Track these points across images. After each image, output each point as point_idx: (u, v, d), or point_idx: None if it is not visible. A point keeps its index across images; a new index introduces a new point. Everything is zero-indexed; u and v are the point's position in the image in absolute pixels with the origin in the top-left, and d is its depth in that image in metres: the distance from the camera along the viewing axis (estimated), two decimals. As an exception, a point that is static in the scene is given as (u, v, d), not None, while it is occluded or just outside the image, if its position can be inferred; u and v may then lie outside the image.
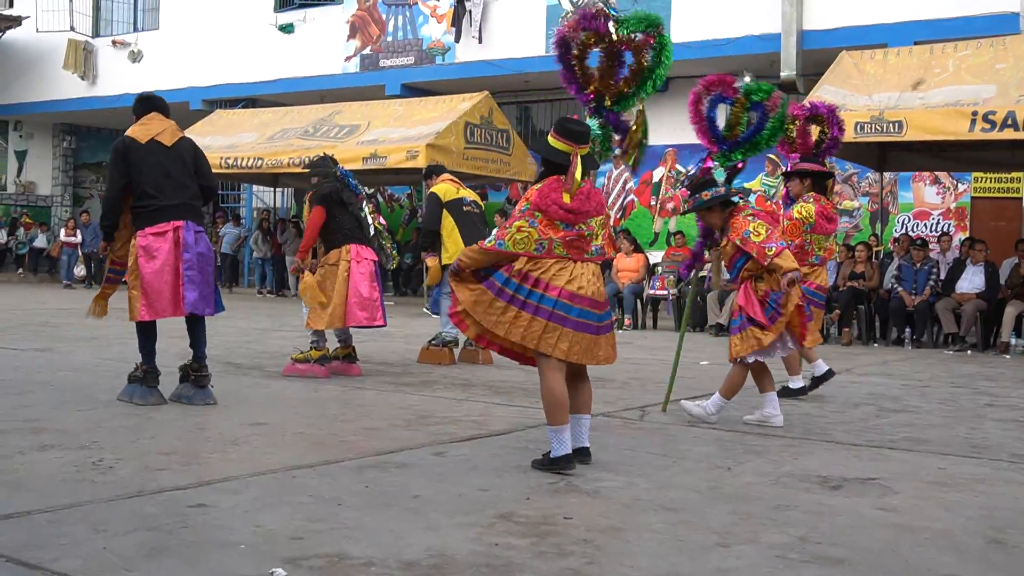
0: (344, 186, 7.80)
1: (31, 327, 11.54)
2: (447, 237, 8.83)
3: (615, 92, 5.26)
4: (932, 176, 15.68)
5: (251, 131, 18.75)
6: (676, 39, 16.19)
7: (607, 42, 5.16)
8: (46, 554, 3.17)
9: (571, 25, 5.15)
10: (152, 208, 6.15)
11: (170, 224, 6.16)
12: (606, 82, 5.24)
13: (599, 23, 5.14)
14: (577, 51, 5.23)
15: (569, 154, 4.63)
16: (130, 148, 6.21)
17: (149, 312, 6.15)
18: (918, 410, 6.99)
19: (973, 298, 12.27)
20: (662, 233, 18.04)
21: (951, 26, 13.94)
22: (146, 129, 6.32)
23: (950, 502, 4.24)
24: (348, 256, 7.68)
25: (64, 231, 22.88)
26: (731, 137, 6.58)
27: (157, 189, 6.17)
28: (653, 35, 5.23)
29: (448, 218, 8.84)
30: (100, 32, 24.28)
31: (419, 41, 19.24)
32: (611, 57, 5.23)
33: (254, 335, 11.20)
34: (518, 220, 4.60)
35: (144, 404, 6.14)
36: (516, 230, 4.59)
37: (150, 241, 6.14)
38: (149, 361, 6.29)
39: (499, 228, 4.78)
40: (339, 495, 4.03)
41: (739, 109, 6.52)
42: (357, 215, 7.79)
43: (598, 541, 3.52)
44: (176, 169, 6.26)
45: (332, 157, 8.16)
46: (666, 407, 6.56)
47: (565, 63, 5.28)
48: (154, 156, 6.21)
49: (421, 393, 7.12)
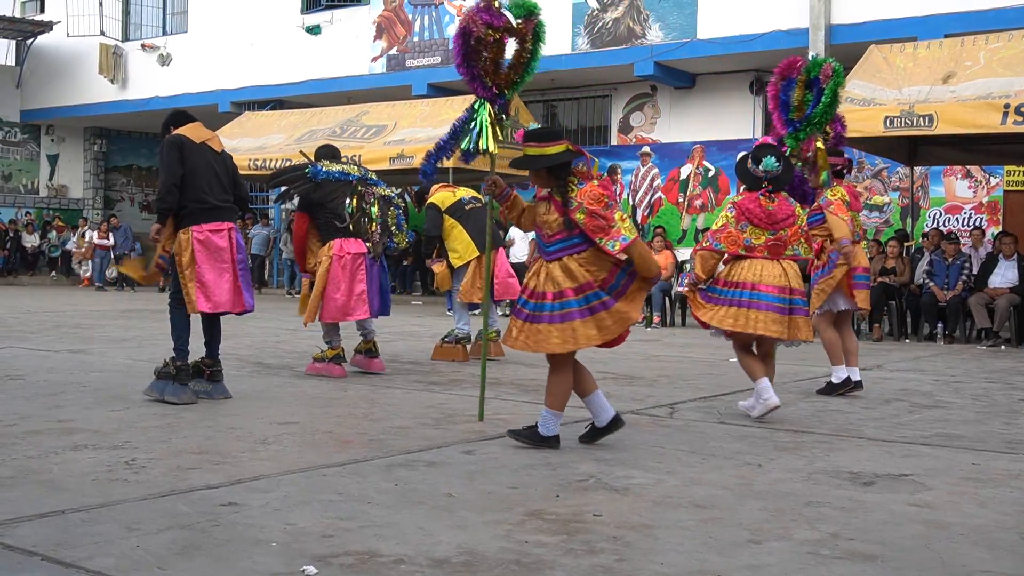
0: (316, 185, 7.69)
1: (64, 328, 11.66)
2: (454, 240, 8.99)
3: (508, 81, 5.32)
4: (963, 170, 15.51)
5: (279, 132, 18.85)
6: (703, 35, 16.35)
7: (498, 33, 5.19)
8: (80, 552, 3.20)
9: (470, 17, 5.15)
10: (208, 206, 6.37)
11: (224, 224, 6.43)
12: (501, 73, 5.28)
13: (493, 16, 5.16)
14: (473, 46, 5.24)
15: (568, 148, 4.86)
16: (184, 145, 6.39)
17: (208, 304, 6.33)
18: (951, 406, 6.92)
19: (1006, 293, 12.14)
20: (690, 230, 17.98)
21: (982, 18, 13.79)
22: (197, 132, 6.53)
23: (984, 498, 4.19)
24: (330, 252, 7.69)
25: (97, 234, 23.10)
26: (797, 117, 6.66)
27: (210, 188, 6.39)
28: (533, 20, 5.26)
29: (453, 224, 9.02)
30: (130, 36, 24.49)
31: (445, 41, 19.24)
32: (500, 47, 5.26)
33: (283, 335, 11.26)
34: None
35: (177, 402, 6.20)
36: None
37: (208, 236, 6.34)
38: (183, 357, 6.37)
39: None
40: (369, 493, 4.04)
41: (801, 88, 6.64)
42: (337, 211, 7.70)
43: (628, 538, 3.50)
44: (223, 174, 6.52)
45: (318, 149, 8.04)
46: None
47: (464, 57, 5.28)
48: (206, 157, 6.43)
49: (449, 392, 7.13)
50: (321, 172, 7.67)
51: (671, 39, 16.79)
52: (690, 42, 16.58)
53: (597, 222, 4.77)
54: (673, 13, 16.77)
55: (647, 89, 18.55)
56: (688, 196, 18.22)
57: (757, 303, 5.95)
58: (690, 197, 18.20)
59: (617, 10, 17.23)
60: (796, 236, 6.10)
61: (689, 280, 6.35)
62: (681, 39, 16.68)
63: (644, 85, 18.40)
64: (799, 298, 6.07)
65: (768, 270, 6.00)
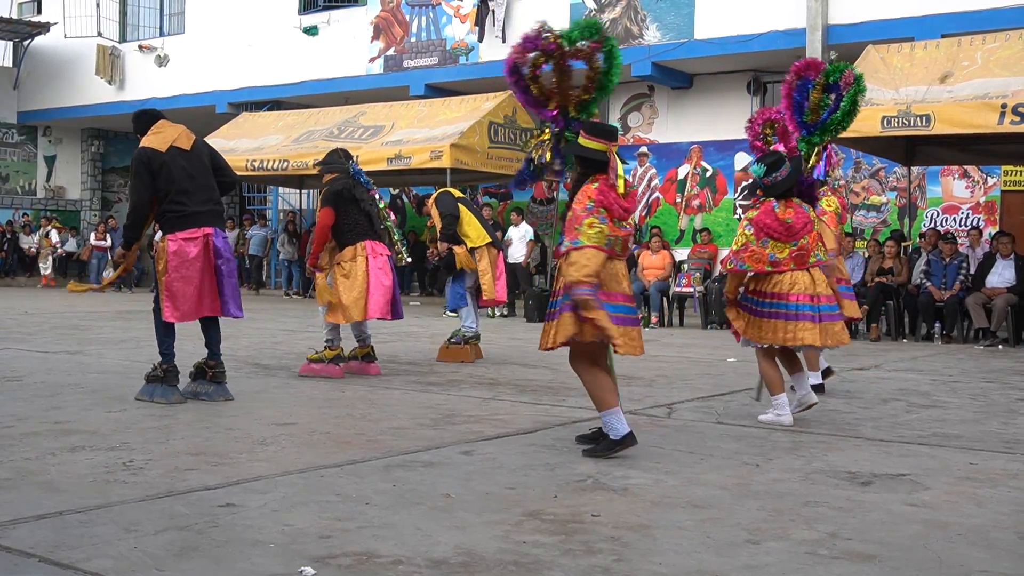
0: (356, 182, 7.78)
1: (61, 330, 11.65)
2: (466, 226, 9.03)
3: (576, 101, 5.32)
4: (961, 170, 15.52)
5: (277, 133, 18.84)
6: (700, 36, 16.35)
7: (556, 56, 5.21)
8: (78, 554, 3.20)
9: (517, 50, 5.20)
10: (183, 213, 6.27)
11: (200, 231, 6.31)
12: (565, 94, 5.29)
13: (541, 41, 5.19)
14: (529, 72, 5.27)
15: (605, 151, 4.89)
16: (152, 158, 6.27)
17: (174, 314, 6.28)
18: (948, 405, 6.93)
19: (1004, 292, 12.14)
20: (688, 230, 17.98)
21: (979, 18, 13.79)
22: (162, 137, 6.38)
23: (982, 497, 4.20)
24: (364, 252, 7.69)
25: (94, 235, 23.09)
26: (813, 121, 6.61)
27: (184, 194, 6.28)
28: (599, 41, 5.28)
29: (463, 210, 9.11)
30: (127, 37, 24.47)
31: (443, 41, 19.26)
32: (563, 71, 5.28)
33: (281, 336, 11.25)
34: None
35: (166, 402, 6.23)
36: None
37: (181, 245, 6.25)
38: (169, 360, 6.38)
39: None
40: (367, 494, 4.04)
41: (819, 92, 6.58)
42: (369, 211, 7.76)
43: (626, 538, 3.51)
44: (199, 172, 6.39)
45: (345, 151, 8.10)
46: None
47: (520, 87, 5.31)
48: (176, 162, 6.31)
49: (447, 392, 7.13)
50: (359, 172, 7.82)
51: (668, 39, 16.79)
52: (687, 42, 16.58)
53: (570, 219, 4.84)
54: (670, 13, 16.78)
55: (644, 89, 18.55)
56: (686, 196, 18.22)
57: (790, 313, 5.92)
58: (688, 197, 18.20)
59: (614, 10, 17.24)
60: (815, 241, 6.07)
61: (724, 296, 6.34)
62: (678, 39, 16.68)
63: (641, 85, 18.40)
64: (826, 304, 6.01)
65: (799, 280, 5.95)
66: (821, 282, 6.03)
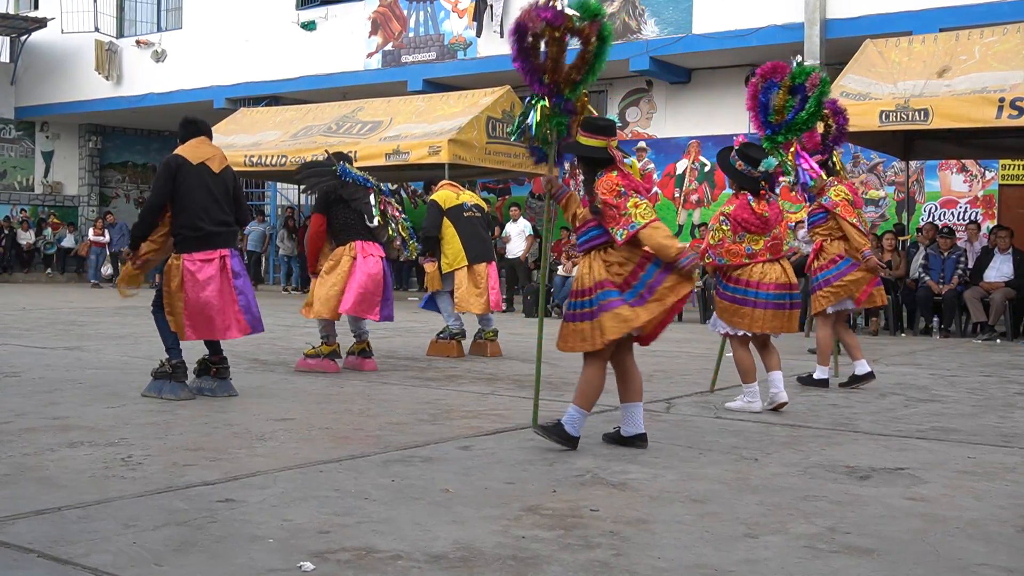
0: (343, 183, 7.76)
1: (59, 326, 11.64)
2: (446, 244, 9.00)
3: (569, 80, 5.30)
4: (959, 164, 15.53)
5: (275, 129, 18.83)
6: (698, 30, 16.33)
7: (560, 32, 5.18)
8: (76, 549, 3.20)
9: (528, 14, 5.14)
10: (202, 234, 6.29)
11: (217, 252, 6.35)
12: (560, 70, 5.27)
13: (550, 13, 5.15)
14: (531, 42, 5.23)
15: (605, 147, 4.92)
16: (182, 168, 6.31)
17: (195, 333, 6.33)
18: (946, 399, 6.93)
19: (1001, 287, 12.15)
20: (686, 225, 17.98)
21: (976, 12, 13.79)
22: (197, 152, 6.43)
23: (980, 491, 4.20)
24: (353, 252, 7.68)
25: (92, 231, 23.07)
26: (777, 121, 6.68)
27: (205, 213, 6.31)
28: (598, 23, 5.26)
29: (448, 226, 9.01)
30: (124, 32, 24.43)
31: (440, 36, 19.24)
32: (562, 46, 5.25)
33: (280, 332, 11.24)
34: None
35: (175, 399, 6.23)
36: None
37: (198, 267, 6.27)
38: (177, 356, 6.38)
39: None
40: (366, 489, 4.04)
41: (784, 93, 6.68)
42: (361, 210, 7.74)
43: (625, 533, 3.51)
44: (221, 196, 6.43)
45: (339, 152, 8.10)
46: None
47: (522, 53, 5.25)
48: (203, 180, 6.34)
49: (446, 388, 7.13)
50: (348, 172, 7.77)
51: (667, 34, 16.78)
52: (685, 37, 16.58)
53: (610, 212, 4.79)
54: (668, 8, 16.76)
55: (643, 84, 18.54)
56: (684, 191, 18.22)
57: (762, 302, 6.20)
58: (686, 192, 18.20)
59: (613, 5, 17.21)
60: (785, 230, 6.46)
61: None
62: (677, 34, 16.67)
63: (640, 80, 18.40)
64: (797, 293, 6.37)
65: (771, 271, 6.24)
66: (791, 272, 6.35)
